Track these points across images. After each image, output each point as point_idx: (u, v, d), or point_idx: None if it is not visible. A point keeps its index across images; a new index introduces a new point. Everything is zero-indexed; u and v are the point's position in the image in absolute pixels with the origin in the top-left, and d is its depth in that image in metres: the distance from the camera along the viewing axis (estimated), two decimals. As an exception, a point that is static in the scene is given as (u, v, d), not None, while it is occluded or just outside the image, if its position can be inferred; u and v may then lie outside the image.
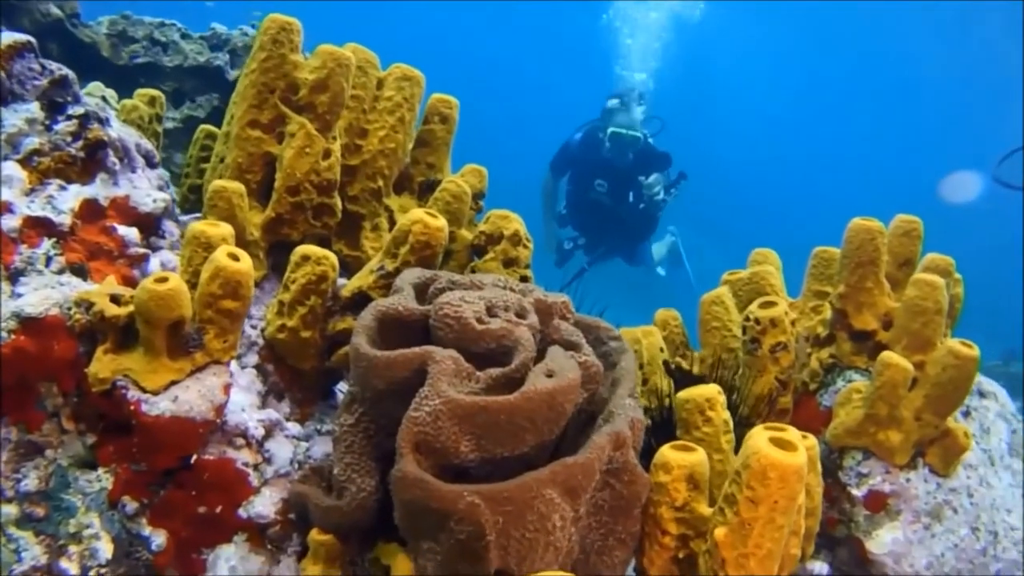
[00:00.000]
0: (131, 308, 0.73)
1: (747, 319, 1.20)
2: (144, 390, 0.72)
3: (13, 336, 0.71)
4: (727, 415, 0.97)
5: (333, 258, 0.94)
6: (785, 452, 0.69)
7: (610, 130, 4.74)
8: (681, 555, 0.79)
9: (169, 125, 2.55)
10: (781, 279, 1.37)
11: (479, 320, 0.77)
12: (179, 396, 0.72)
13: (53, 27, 2.56)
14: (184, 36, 3.28)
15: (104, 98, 1.39)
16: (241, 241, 1.01)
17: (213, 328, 0.75)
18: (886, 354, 1.06)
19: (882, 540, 1.11)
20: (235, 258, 0.74)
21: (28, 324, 0.71)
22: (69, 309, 0.74)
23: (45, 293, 0.74)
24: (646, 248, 5.74)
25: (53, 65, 0.97)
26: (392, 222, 1.26)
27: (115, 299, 0.74)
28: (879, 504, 1.11)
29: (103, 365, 0.72)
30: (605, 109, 4.90)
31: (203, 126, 1.53)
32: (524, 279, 1.23)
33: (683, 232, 6.46)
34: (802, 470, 0.70)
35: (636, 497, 0.78)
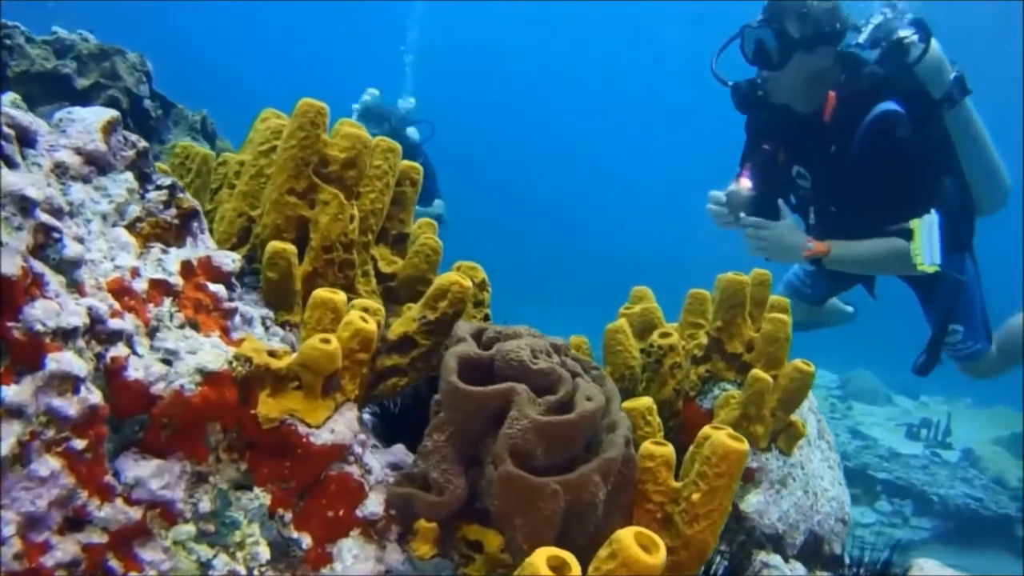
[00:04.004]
0: (289, 360, 0.93)
1: (651, 346, 1.61)
2: (309, 425, 0.93)
3: (199, 387, 0.89)
4: (659, 419, 1.35)
5: (383, 311, 1.18)
6: (737, 442, 1.08)
7: None
8: (659, 516, 1.15)
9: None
10: (661, 314, 1.80)
11: (531, 361, 1.07)
12: (334, 428, 0.94)
13: None
14: (28, 40, 3.15)
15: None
16: (292, 293, 1.21)
17: (347, 373, 0.98)
18: (756, 371, 1.51)
19: (750, 501, 1.56)
20: (365, 320, 0.98)
21: (209, 377, 0.90)
22: (231, 363, 0.93)
23: (216, 352, 0.92)
24: None
25: (133, 137, 1.11)
26: (376, 269, 1.49)
27: (272, 354, 0.94)
28: (749, 476, 1.56)
29: (270, 407, 0.92)
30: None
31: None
32: (487, 317, 1.54)
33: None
34: (747, 453, 1.09)
35: (633, 478, 1.13)
